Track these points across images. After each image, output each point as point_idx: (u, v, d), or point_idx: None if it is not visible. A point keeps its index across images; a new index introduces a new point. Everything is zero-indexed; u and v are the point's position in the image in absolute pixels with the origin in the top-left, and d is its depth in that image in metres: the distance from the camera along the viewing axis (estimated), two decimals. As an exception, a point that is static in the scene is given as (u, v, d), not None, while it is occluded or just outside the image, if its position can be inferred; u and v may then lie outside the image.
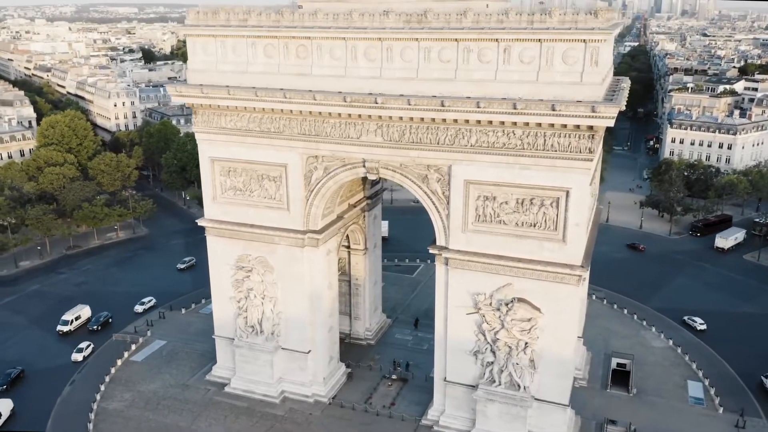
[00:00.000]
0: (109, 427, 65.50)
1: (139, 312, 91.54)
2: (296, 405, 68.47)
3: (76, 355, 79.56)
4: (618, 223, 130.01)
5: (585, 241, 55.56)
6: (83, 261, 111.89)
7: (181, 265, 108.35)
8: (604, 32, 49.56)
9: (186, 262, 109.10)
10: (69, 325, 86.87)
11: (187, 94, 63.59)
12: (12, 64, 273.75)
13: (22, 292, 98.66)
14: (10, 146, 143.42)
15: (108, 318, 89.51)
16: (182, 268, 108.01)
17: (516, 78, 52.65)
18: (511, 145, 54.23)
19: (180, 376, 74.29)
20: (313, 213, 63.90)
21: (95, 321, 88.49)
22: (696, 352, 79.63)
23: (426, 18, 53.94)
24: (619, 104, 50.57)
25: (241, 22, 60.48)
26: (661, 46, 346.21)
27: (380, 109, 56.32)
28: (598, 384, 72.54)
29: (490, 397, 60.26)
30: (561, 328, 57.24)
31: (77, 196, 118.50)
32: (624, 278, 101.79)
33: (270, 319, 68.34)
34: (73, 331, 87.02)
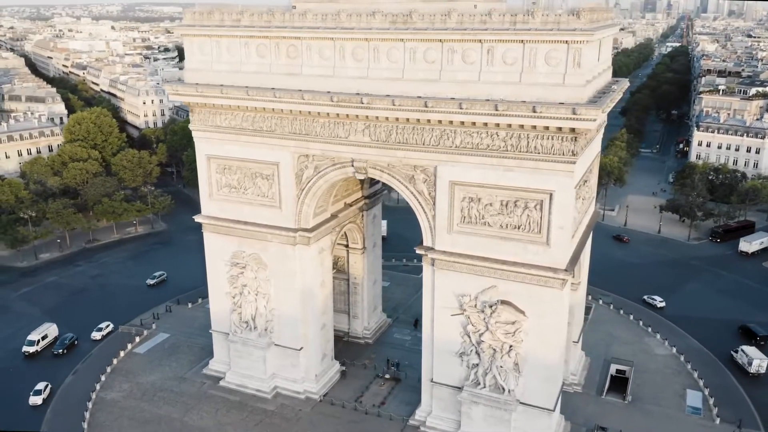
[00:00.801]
0: (105, 417, 67.29)
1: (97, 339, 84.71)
2: (287, 401, 69.26)
3: (34, 398, 70.48)
4: (636, 227, 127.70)
5: (569, 245, 54.84)
6: (101, 254, 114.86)
7: (150, 281, 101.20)
8: (586, 33, 48.80)
9: (156, 277, 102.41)
10: (35, 346, 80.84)
11: (183, 92, 64.93)
12: (51, 61, 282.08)
13: (39, 283, 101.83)
14: (38, 142, 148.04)
15: (74, 340, 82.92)
16: (152, 284, 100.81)
17: (499, 79, 52.36)
18: (494, 147, 53.93)
19: (179, 369, 75.84)
20: (304, 211, 64.52)
21: (60, 344, 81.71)
22: (699, 360, 77.79)
23: (411, 19, 54.03)
24: (600, 106, 49.80)
25: (235, 22, 61.46)
26: (701, 47, 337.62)
27: (366, 109, 56.60)
28: (593, 390, 71.50)
29: (475, 399, 60.01)
30: (546, 331, 56.69)
31: (98, 191, 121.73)
32: (634, 283, 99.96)
33: (263, 315, 69.27)
34: (40, 351, 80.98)
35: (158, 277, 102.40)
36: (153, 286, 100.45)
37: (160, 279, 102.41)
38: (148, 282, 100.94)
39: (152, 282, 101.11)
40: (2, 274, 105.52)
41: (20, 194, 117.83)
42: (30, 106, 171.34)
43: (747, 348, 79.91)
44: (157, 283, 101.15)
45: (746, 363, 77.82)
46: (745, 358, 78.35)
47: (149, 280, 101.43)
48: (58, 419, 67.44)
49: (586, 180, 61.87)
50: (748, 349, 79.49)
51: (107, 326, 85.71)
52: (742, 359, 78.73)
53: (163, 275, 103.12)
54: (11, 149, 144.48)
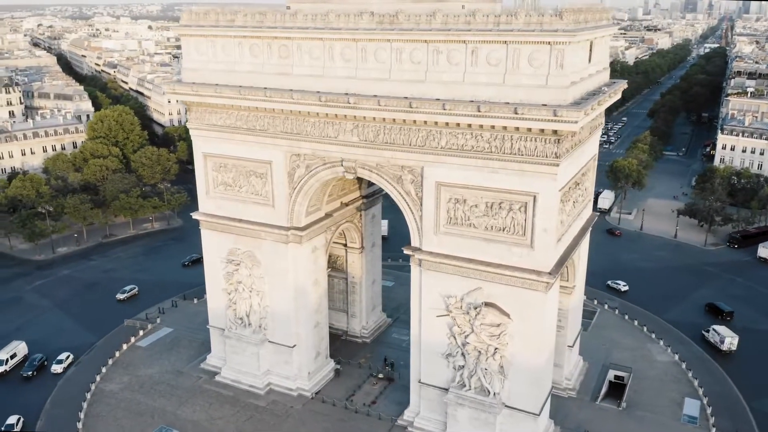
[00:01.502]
0: (101, 408, 68.84)
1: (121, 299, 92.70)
2: (280, 397, 69.94)
3: None
4: (652, 231, 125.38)
5: (554, 248, 54.21)
6: (116, 249, 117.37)
7: (120, 295, 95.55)
8: (568, 34, 48.23)
9: (126, 291, 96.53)
10: (3, 365, 76.51)
11: (180, 91, 66.12)
12: (85, 60, 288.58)
13: (53, 276, 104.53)
14: (63, 138, 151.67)
15: (43, 360, 77.87)
16: (122, 298, 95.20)
17: (483, 80, 52.11)
18: (479, 148, 53.68)
19: (178, 363, 77.17)
20: (296, 210, 65.07)
21: (29, 366, 76.68)
22: (702, 368, 76.14)
23: (397, 19, 54.14)
24: (583, 109, 49.14)
25: (229, 22, 62.31)
26: (737, 48, 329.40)
27: (353, 109, 56.88)
28: (588, 395, 70.55)
29: (460, 401, 59.81)
30: (531, 335, 56.22)
31: (116, 188, 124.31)
32: (643, 289, 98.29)
33: (257, 312, 70.04)
34: (8, 372, 76.41)
35: (128, 292, 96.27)
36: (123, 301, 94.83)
37: (131, 294, 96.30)
38: (118, 297, 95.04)
39: (122, 297, 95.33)
40: (19, 266, 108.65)
41: (41, 189, 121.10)
42: (58, 103, 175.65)
43: (718, 327, 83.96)
44: (127, 298, 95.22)
45: (718, 341, 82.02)
46: (717, 337, 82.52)
47: (119, 294, 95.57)
48: (56, 409, 69.17)
49: (577, 182, 61.14)
50: (719, 328, 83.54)
51: (67, 357, 77.60)
52: (714, 338, 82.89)
53: (134, 289, 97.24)
54: (37, 145, 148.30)
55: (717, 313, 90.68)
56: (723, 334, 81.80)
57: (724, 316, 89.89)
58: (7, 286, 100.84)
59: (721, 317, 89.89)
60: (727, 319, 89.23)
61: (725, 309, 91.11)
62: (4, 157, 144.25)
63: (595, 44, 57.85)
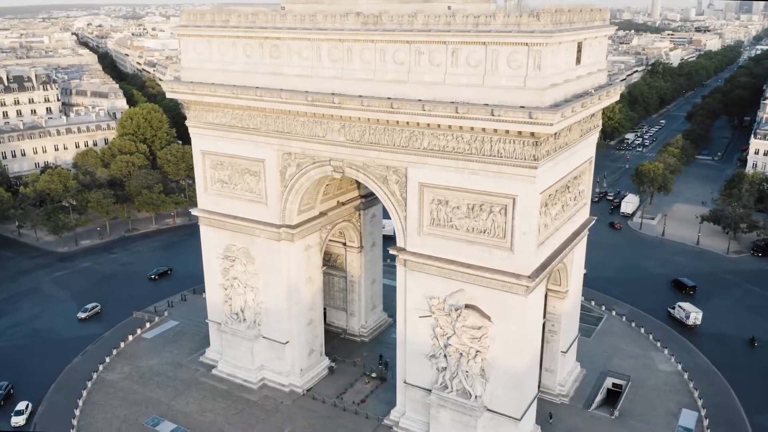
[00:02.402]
0: (100, 396, 70.96)
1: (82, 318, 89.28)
2: (272, 393, 70.88)
3: None
4: (674, 237, 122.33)
5: (534, 251, 53.54)
6: (136, 243, 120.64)
7: (82, 314, 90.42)
8: (545, 35, 47.63)
9: (88, 309, 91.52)
10: None
11: (178, 90, 67.76)
12: (128, 59, 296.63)
13: (73, 268, 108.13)
14: (95, 135, 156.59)
15: (9, 388, 73.62)
16: (83, 317, 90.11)
17: (464, 81, 51.84)
18: (460, 150, 53.44)
19: (179, 356, 78.93)
20: (288, 208, 65.84)
21: None
22: (706, 380, 74.05)
23: (381, 20, 54.31)
24: (560, 111, 48.40)
25: (224, 22, 63.47)
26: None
27: (338, 109, 57.29)
28: (581, 402, 69.37)
29: (442, 403, 59.61)
30: (512, 339, 55.70)
31: (140, 183, 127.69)
32: (655, 295, 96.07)
33: (252, 308, 71.12)
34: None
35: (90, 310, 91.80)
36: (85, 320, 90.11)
37: (93, 312, 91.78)
38: (79, 316, 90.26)
39: (84, 316, 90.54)
40: (42, 257, 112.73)
41: (68, 184, 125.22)
42: (94, 101, 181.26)
43: (683, 304, 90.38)
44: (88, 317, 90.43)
45: (684, 317, 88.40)
46: (682, 313, 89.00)
47: (80, 313, 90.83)
48: (58, 395, 71.69)
49: (567, 186, 60.25)
50: (684, 305, 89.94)
51: (26, 406, 70.07)
52: (679, 314, 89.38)
53: (97, 307, 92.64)
54: (69, 141, 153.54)
55: (681, 288, 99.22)
56: (688, 310, 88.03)
57: (687, 291, 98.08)
58: (29, 276, 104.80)
59: (684, 292, 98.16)
60: (690, 293, 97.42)
61: (688, 284, 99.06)
62: (38, 152, 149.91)
63: (585, 45, 56.85)
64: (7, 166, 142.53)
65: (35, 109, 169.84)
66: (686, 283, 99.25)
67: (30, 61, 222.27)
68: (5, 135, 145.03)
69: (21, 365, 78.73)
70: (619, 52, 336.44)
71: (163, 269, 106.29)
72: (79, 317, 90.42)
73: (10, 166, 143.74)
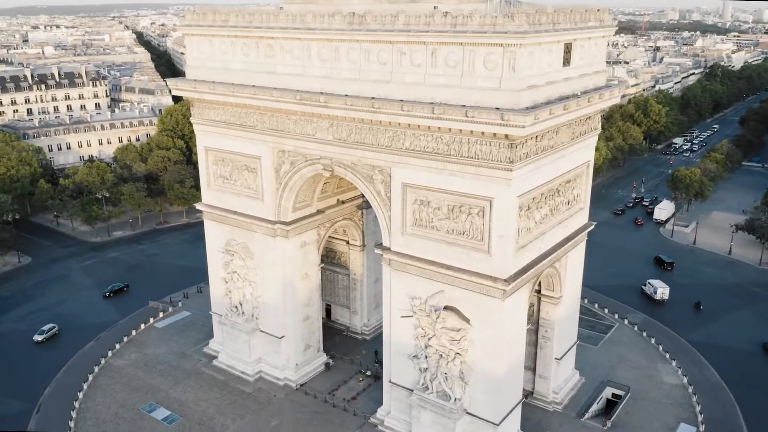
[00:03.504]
0: (104, 380, 73.83)
1: None
2: (266, 386, 72.23)
3: None
4: (706, 246, 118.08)
5: (512, 254, 52.85)
6: (165, 236, 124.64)
7: (38, 336, 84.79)
8: (519, 36, 47.01)
9: (44, 332, 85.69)
10: None
11: (182, 87, 69.87)
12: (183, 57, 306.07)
13: (102, 258, 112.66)
14: (138, 130, 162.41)
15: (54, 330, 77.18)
16: (39, 340, 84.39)
17: (443, 82, 51.70)
18: (439, 151, 53.31)
19: (185, 345, 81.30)
20: (283, 205, 66.96)
21: None
22: (711, 394, 71.37)
23: (365, 20, 54.65)
24: (533, 113, 47.63)
25: (223, 22, 65.07)
26: None
27: (324, 108, 58.00)
28: (574, 411, 67.95)
29: (423, 404, 59.58)
30: (490, 343, 55.22)
31: (173, 178, 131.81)
32: (673, 305, 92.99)
33: (250, 301, 72.65)
34: None
35: (47, 332, 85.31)
36: (41, 342, 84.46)
37: (51, 334, 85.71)
38: (35, 339, 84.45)
39: (40, 338, 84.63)
40: (75, 246, 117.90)
41: (106, 177, 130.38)
42: (141, 97, 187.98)
43: (653, 280, 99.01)
44: (45, 340, 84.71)
45: (653, 292, 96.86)
46: (651, 289, 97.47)
47: (37, 336, 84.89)
48: (67, 377, 74.94)
49: (557, 190, 59.12)
50: (653, 281, 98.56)
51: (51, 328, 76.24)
52: (649, 290, 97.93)
53: (54, 328, 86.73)
54: (113, 136, 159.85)
55: (661, 264, 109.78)
56: (656, 286, 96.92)
57: (666, 266, 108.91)
58: (60, 263, 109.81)
59: (663, 267, 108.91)
60: (668, 269, 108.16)
61: (667, 260, 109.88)
62: (83, 146, 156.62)
63: (576, 46, 55.76)
64: (52, 158, 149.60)
65: (84, 104, 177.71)
66: (665, 260, 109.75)
67: (86, 58, 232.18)
68: (52, 129, 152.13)
69: (38, 348, 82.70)
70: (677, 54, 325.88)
71: (119, 285, 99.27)
72: (35, 340, 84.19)
73: (55, 159, 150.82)
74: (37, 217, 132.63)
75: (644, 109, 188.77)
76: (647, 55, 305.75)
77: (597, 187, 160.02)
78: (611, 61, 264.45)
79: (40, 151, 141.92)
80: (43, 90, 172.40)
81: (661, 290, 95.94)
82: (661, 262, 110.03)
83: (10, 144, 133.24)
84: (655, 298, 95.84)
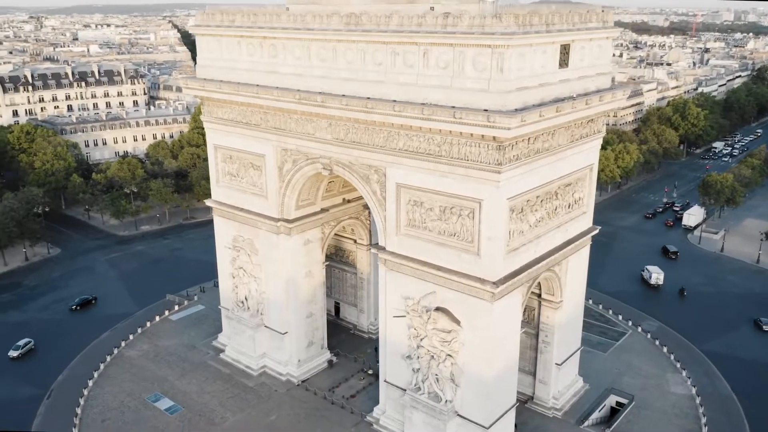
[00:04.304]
0: (115, 370, 76.08)
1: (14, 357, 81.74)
2: (269, 380, 73.31)
3: None
4: (734, 254, 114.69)
5: (501, 257, 52.44)
6: (190, 231, 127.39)
7: (14, 352, 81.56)
8: (506, 37, 46.68)
9: (20, 347, 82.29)
10: None
11: (191, 86, 71.42)
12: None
13: (127, 251, 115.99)
14: (171, 127, 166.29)
15: None
16: (15, 356, 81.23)
17: (434, 83, 51.64)
18: (431, 152, 53.33)
19: (195, 338, 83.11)
20: (286, 203, 67.88)
21: None
22: (720, 406, 69.36)
23: (361, 20, 55.04)
24: (518, 116, 47.18)
25: (230, 22, 66.34)
26: None
27: (322, 108, 58.61)
28: (574, 418, 66.92)
29: (414, 404, 59.65)
30: (480, 345, 54.93)
31: (200, 174, 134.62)
32: (693, 314, 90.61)
33: (255, 297, 73.87)
34: None
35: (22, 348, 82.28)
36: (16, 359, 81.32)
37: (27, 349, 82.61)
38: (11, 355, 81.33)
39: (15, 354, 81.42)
40: (104, 239, 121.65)
41: (136, 172, 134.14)
42: (179, 95, 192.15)
43: (650, 266, 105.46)
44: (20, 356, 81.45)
45: (649, 277, 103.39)
46: (648, 274, 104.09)
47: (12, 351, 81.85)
48: (80, 365, 77.43)
49: (556, 193, 58.40)
50: (650, 267, 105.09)
51: None
52: (646, 275, 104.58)
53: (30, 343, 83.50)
54: (148, 132, 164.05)
55: (666, 253, 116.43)
56: (651, 271, 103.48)
57: (670, 255, 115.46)
58: (87, 255, 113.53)
59: (667, 256, 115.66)
60: (672, 258, 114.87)
61: (672, 249, 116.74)
62: (118, 142, 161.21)
63: (576, 47, 54.98)
64: (88, 153, 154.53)
65: (123, 101, 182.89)
66: (670, 249, 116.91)
67: (129, 56, 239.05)
68: (88, 125, 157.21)
69: (56, 336, 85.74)
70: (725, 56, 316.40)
71: (87, 298, 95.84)
72: (10, 356, 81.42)
73: (92, 154, 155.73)
74: (70, 210, 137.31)
75: (682, 112, 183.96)
76: (694, 57, 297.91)
77: (628, 191, 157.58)
78: (653, 63, 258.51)
79: (75, 146, 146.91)
80: (83, 87, 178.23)
81: (656, 275, 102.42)
82: (666, 251, 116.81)
83: (47, 139, 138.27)
84: (650, 283, 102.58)
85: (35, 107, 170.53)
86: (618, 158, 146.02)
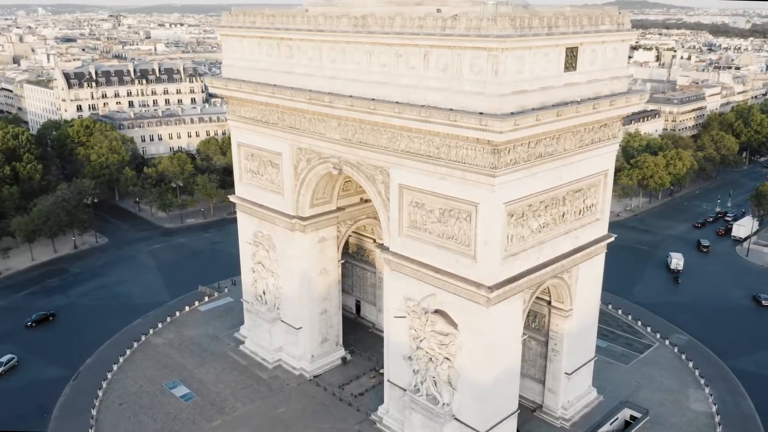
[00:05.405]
0: (139, 356, 79.37)
1: None
2: (282, 374, 74.85)
3: None
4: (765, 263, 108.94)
5: (497, 262, 51.95)
6: (232, 225, 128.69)
7: None
8: (499, 40, 46.26)
9: (3, 364, 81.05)
10: None
11: (216, 85, 73.70)
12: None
13: (170, 242, 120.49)
14: (224, 125, 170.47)
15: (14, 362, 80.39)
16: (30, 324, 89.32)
17: (434, 85, 51.72)
18: (430, 154, 53.38)
19: (219, 329, 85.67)
20: (300, 201, 69.20)
21: None
22: (740, 426, 66.38)
23: (367, 22, 55.62)
24: (511, 119, 46.67)
25: (251, 24, 68.15)
26: None
27: (329, 108, 59.58)
28: (583, 430, 65.39)
29: (413, 405, 59.78)
30: (476, 350, 54.63)
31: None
32: (727, 329, 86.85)
33: (272, 292, 75.59)
34: None
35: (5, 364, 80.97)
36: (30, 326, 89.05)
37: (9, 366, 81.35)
38: None
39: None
40: (149, 231, 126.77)
41: (185, 167, 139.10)
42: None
43: (673, 253, 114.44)
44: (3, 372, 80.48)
45: (670, 263, 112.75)
46: (670, 260, 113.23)
47: None
48: (109, 350, 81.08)
49: (564, 198, 57.28)
50: (673, 254, 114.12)
51: None
52: (669, 261, 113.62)
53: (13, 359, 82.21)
54: (201, 129, 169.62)
55: (699, 246, 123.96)
56: (673, 257, 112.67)
57: (702, 248, 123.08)
58: (132, 246, 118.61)
59: (698, 248, 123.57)
60: (704, 251, 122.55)
61: (705, 243, 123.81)
62: (173, 138, 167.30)
63: (585, 50, 53.86)
64: (144, 148, 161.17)
65: (181, 99, 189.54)
66: (703, 243, 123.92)
67: (192, 55, 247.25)
68: (145, 120, 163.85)
69: (92, 322, 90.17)
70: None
71: (43, 314, 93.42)
72: None
73: (147, 149, 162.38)
74: (122, 202, 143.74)
75: (746, 118, 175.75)
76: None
77: (680, 199, 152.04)
78: (721, 66, 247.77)
79: (132, 141, 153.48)
80: (144, 84, 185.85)
81: (676, 261, 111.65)
82: (699, 245, 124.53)
83: (104, 133, 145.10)
84: (671, 267, 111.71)
85: (98, 102, 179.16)
86: (669, 165, 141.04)
